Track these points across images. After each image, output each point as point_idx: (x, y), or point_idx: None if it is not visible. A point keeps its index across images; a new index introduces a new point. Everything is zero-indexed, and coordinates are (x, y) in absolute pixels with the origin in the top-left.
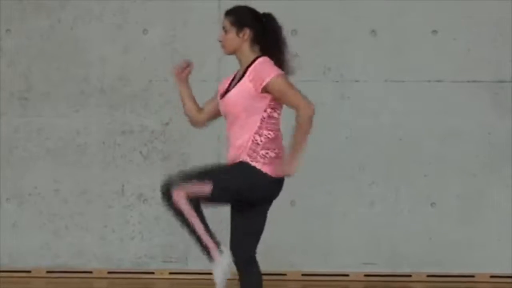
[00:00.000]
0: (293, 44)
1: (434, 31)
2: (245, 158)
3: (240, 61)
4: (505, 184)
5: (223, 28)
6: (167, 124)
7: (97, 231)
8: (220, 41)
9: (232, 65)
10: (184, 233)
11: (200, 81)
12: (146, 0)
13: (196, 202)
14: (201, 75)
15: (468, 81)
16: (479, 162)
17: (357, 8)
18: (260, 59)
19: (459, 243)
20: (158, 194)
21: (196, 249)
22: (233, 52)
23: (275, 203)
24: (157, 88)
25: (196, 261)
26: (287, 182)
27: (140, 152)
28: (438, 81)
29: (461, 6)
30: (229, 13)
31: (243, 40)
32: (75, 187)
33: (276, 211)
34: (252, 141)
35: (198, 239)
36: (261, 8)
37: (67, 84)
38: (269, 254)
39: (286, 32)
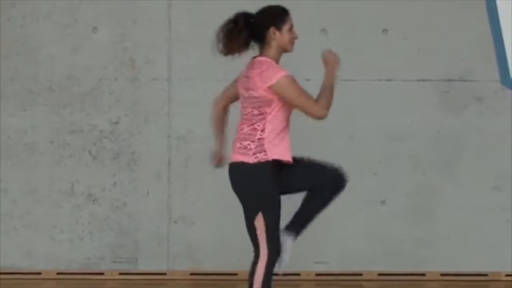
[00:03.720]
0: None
1: (385, 30)
2: None
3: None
4: (455, 183)
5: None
6: (116, 123)
7: (46, 232)
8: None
9: (182, 64)
10: (133, 233)
11: (149, 80)
12: None
13: None
14: (151, 74)
15: (418, 80)
16: (429, 161)
17: (307, 6)
18: None
19: (410, 241)
20: (108, 194)
21: (145, 249)
22: None
23: (226, 203)
24: (107, 87)
25: (146, 262)
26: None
27: (89, 152)
28: (388, 80)
29: (412, 5)
30: None
31: None
32: (24, 187)
33: (228, 210)
34: None
35: None
36: (212, 8)
37: (15, 82)
38: (219, 254)
39: None
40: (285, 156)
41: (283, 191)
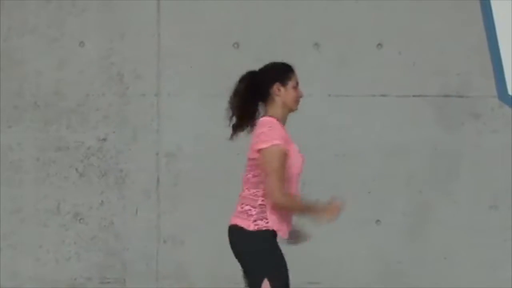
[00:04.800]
0: (235, 58)
1: (379, 45)
2: None
3: (286, 118)
4: (451, 200)
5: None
6: (104, 140)
7: (32, 252)
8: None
9: (172, 79)
10: (121, 253)
11: (139, 96)
12: (82, 12)
13: None
14: (139, 89)
15: (414, 96)
16: (424, 178)
17: (300, 20)
18: None
19: (405, 261)
20: (95, 213)
21: (134, 270)
22: None
23: (216, 222)
24: (94, 102)
25: (134, 282)
26: (229, 200)
27: (76, 169)
28: (383, 95)
29: (407, 19)
30: None
31: None
32: (8, 205)
33: (218, 229)
34: None
35: None
36: (202, 22)
37: (0, 98)
38: (209, 274)
39: (228, 44)
40: (283, 231)
41: None
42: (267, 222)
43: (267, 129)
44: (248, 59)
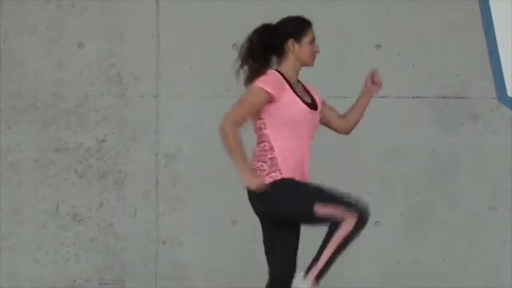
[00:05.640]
0: (233, 58)
1: (378, 46)
2: None
3: (298, 72)
4: (450, 201)
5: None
6: (103, 141)
7: (30, 253)
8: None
9: (171, 80)
10: (120, 254)
11: (137, 97)
12: (81, 13)
13: None
14: (138, 91)
15: (413, 97)
16: (423, 180)
17: None
18: None
19: (404, 262)
20: (94, 214)
21: (133, 271)
22: None
23: (215, 223)
24: (93, 104)
25: (134, 283)
26: (228, 201)
27: (75, 170)
28: (382, 97)
29: (405, 20)
30: None
31: None
32: (7, 206)
33: (217, 230)
34: None
35: None
36: (201, 23)
37: None
38: (208, 275)
39: (227, 46)
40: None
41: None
42: (281, 173)
43: (261, 76)
44: None
